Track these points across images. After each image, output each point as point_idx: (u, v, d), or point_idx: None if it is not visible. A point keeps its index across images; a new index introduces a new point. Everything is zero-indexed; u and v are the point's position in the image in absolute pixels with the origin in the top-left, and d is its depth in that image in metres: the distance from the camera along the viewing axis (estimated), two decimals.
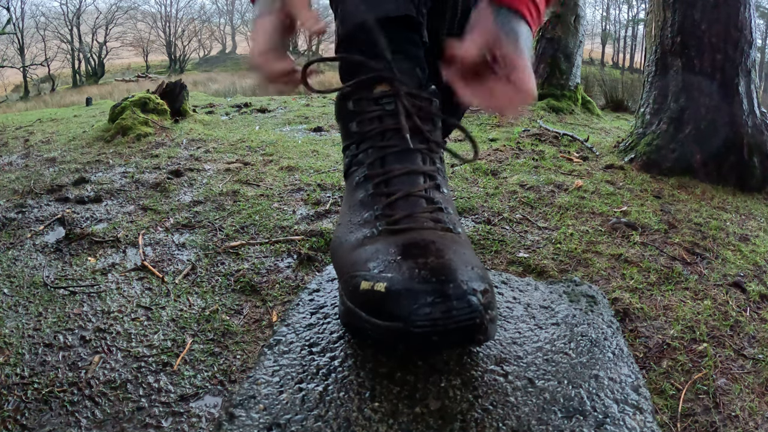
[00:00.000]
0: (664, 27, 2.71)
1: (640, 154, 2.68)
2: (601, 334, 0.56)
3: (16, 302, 1.28)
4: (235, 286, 1.39)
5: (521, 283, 0.67)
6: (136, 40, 27.43)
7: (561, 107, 4.53)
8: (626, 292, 1.41)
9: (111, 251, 1.57)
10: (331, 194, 2.07)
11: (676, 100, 2.65)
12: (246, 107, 5.04)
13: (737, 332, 1.29)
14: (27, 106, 12.84)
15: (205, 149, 2.87)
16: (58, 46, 23.70)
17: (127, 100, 3.49)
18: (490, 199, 2.04)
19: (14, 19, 20.69)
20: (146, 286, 1.37)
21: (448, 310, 0.41)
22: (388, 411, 0.43)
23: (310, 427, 0.42)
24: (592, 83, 7.58)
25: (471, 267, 0.45)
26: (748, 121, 2.55)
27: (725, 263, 1.65)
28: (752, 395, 1.09)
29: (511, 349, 0.52)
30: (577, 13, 4.73)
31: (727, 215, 2.11)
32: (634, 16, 27.97)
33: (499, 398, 0.45)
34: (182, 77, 5.87)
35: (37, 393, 0.97)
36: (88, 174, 2.36)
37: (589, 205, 2.03)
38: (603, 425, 0.43)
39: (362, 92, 0.57)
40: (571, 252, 1.61)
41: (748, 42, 2.57)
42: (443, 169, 0.59)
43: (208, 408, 0.96)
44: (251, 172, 2.39)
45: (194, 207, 1.92)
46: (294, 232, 1.69)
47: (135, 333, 1.16)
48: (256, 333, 1.20)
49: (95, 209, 1.91)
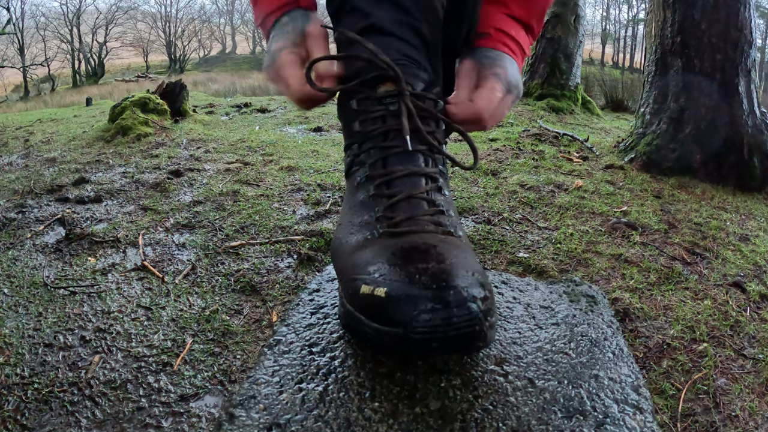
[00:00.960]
0: (664, 27, 2.71)
1: (640, 154, 2.68)
2: (601, 334, 0.56)
3: (16, 302, 1.28)
4: (235, 286, 1.39)
5: (521, 283, 0.67)
6: (136, 40, 27.44)
7: (561, 107, 4.53)
8: (626, 292, 1.41)
9: (111, 251, 1.57)
10: (331, 194, 2.07)
11: (676, 100, 2.65)
12: (246, 107, 5.04)
13: (737, 332, 1.29)
14: (27, 106, 12.84)
15: (205, 149, 2.87)
16: (58, 46, 23.71)
17: (127, 100, 3.49)
18: (490, 199, 2.04)
19: (14, 19, 20.70)
20: (146, 286, 1.37)
21: (448, 317, 0.41)
22: (388, 411, 0.43)
23: (310, 427, 0.42)
24: (592, 83, 7.58)
25: (471, 273, 0.45)
26: (748, 121, 2.55)
27: (725, 263, 1.65)
28: (752, 395, 1.09)
29: (511, 349, 0.52)
30: (577, 13, 4.73)
31: (727, 215, 2.11)
32: (634, 16, 27.98)
33: (499, 398, 0.45)
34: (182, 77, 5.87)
35: (37, 393, 0.97)
36: (88, 174, 2.36)
37: (589, 205, 2.03)
38: (603, 425, 0.43)
39: (366, 91, 0.56)
40: (571, 252, 1.61)
41: (748, 42, 2.57)
42: (445, 171, 0.59)
43: (208, 408, 0.96)
44: (251, 172, 2.39)
45: (194, 207, 1.92)
46: (294, 232, 1.69)
47: (135, 333, 1.16)
48: (256, 333, 1.20)
49: (95, 209, 1.91)
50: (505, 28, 0.67)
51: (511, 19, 0.69)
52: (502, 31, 0.67)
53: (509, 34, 0.67)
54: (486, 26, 0.68)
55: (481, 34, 0.67)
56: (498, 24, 0.68)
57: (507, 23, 0.68)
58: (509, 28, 0.68)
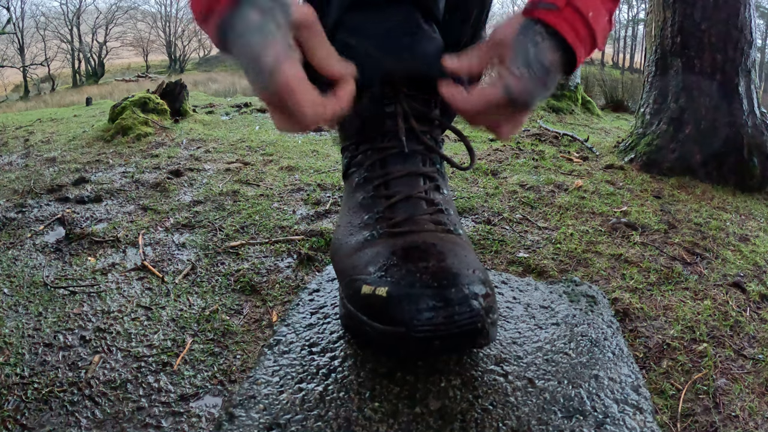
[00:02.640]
0: (664, 27, 2.71)
1: (640, 154, 2.68)
2: (601, 334, 0.56)
3: (16, 302, 1.28)
4: (235, 286, 1.39)
5: (521, 283, 0.67)
6: (136, 40, 27.44)
7: (561, 107, 4.53)
8: (626, 292, 1.41)
9: (111, 251, 1.57)
10: (331, 194, 2.07)
11: (676, 100, 2.65)
12: (246, 107, 5.04)
13: (737, 332, 1.29)
14: (27, 106, 12.83)
15: (205, 149, 2.87)
16: (58, 46, 23.71)
17: (127, 100, 3.49)
18: (490, 199, 2.04)
19: (14, 18, 20.70)
20: (146, 286, 1.37)
21: (450, 315, 0.41)
22: (388, 411, 0.43)
23: (310, 427, 0.42)
24: (592, 83, 7.57)
25: (472, 270, 0.45)
26: (748, 121, 2.55)
27: (725, 263, 1.65)
28: (752, 395, 1.09)
29: (511, 349, 0.52)
30: None
31: (727, 215, 2.11)
32: (634, 16, 27.98)
33: (499, 398, 0.45)
34: (182, 77, 5.87)
35: (37, 393, 0.97)
36: (88, 174, 2.36)
37: (589, 205, 2.03)
38: (603, 425, 0.43)
39: (362, 91, 0.56)
40: (571, 252, 1.61)
41: (748, 42, 2.57)
42: (443, 170, 0.59)
43: (208, 408, 0.96)
44: (251, 172, 2.39)
45: (194, 207, 1.92)
46: (294, 232, 1.69)
47: (135, 333, 1.16)
48: (256, 333, 1.20)
49: (95, 209, 1.91)
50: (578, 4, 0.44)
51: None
52: (573, 6, 0.44)
53: (583, 15, 0.44)
54: None
55: (545, 4, 0.45)
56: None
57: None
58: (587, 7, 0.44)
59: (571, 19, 0.44)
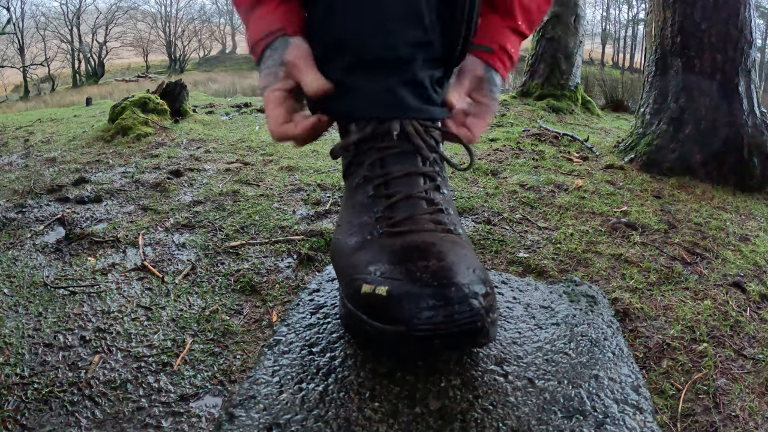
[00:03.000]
0: (664, 27, 2.71)
1: (640, 154, 2.68)
2: (601, 334, 0.56)
3: (16, 302, 1.28)
4: (235, 286, 1.39)
5: (521, 283, 0.67)
6: (136, 40, 27.44)
7: (561, 107, 4.53)
8: (626, 292, 1.41)
9: (111, 251, 1.57)
10: (331, 194, 2.07)
11: (676, 100, 2.65)
12: (246, 107, 5.04)
13: (737, 332, 1.29)
14: (27, 106, 12.84)
15: (205, 149, 2.87)
16: (58, 46, 23.71)
17: (127, 100, 3.49)
18: (490, 199, 2.04)
19: (14, 19, 20.70)
20: (146, 286, 1.37)
21: (450, 314, 0.41)
22: (388, 411, 0.43)
23: (310, 427, 0.42)
24: (592, 83, 7.57)
25: (472, 269, 0.46)
26: (748, 121, 2.55)
27: (725, 263, 1.65)
28: (752, 395, 1.09)
29: (511, 349, 0.52)
30: (577, 13, 4.73)
31: (727, 215, 2.11)
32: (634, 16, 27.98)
33: (499, 398, 0.45)
34: (182, 77, 5.87)
35: (37, 393, 0.97)
36: (88, 174, 2.36)
37: (589, 205, 2.03)
38: (603, 425, 0.43)
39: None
40: (571, 252, 1.61)
41: (748, 42, 2.57)
42: (443, 170, 0.59)
43: (208, 408, 0.96)
44: (251, 172, 2.39)
45: (194, 207, 1.92)
46: (294, 232, 1.69)
47: (135, 333, 1.16)
48: (256, 333, 1.20)
49: (95, 209, 1.91)
50: (508, 46, 0.62)
51: (514, 33, 0.64)
52: (504, 49, 0.62)
53: (509, 54, 0.63)
54: (489, 39, 0.62)
55: (484, 47, 0.62)
56: (502, 40, 0.62)
57: (510, 39, 0.63)
58: (511, 46, 0.63)
59: (503, 59, 0.63)
